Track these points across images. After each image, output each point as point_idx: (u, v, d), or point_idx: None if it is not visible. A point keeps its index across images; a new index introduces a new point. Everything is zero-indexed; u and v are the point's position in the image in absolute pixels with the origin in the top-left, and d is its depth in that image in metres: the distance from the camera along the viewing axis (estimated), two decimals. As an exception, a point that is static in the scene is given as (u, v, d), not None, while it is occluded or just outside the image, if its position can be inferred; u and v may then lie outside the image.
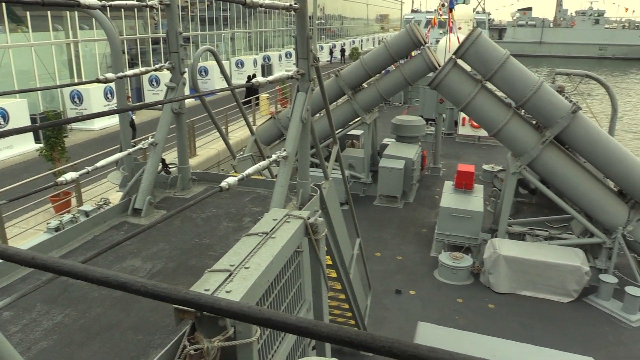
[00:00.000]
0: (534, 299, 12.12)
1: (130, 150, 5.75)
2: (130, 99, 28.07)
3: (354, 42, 76.44)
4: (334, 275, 7.74)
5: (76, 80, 27.16)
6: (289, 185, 5.31)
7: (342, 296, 8.50)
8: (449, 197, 14.36)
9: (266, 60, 47.60)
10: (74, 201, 14.83)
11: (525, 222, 14.65)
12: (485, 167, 20.41)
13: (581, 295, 12.13)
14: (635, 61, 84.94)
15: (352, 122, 18.47)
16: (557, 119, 12.25)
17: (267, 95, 30.57)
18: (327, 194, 6.05)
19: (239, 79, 41.36)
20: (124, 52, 31.57)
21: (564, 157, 12.72)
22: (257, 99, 29.26)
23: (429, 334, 7.58)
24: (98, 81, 4.75)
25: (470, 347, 7.26)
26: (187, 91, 6.29)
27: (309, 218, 3.97)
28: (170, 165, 6.29)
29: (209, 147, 21.48)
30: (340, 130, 18.35)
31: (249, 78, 43.07)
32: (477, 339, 7.76)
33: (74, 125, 24.74)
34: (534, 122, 13.15)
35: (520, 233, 14.12)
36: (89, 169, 4.96)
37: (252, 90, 29.23)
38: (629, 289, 11.64)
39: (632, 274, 12.45)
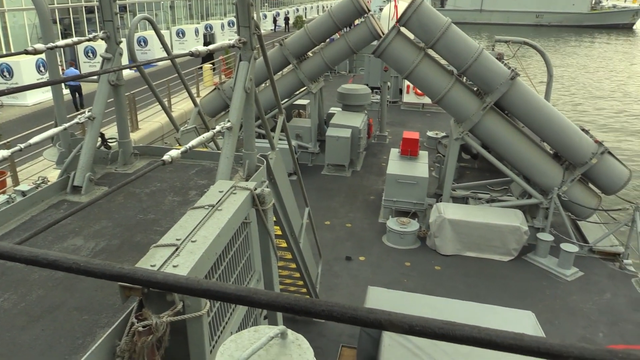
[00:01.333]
0: (477, 259, 12.66)
1: (66, 125, 5.49)
2: (74, 64, 26.69)
3: (297, 10, 75.31)
4: (284, 245, 7.77)
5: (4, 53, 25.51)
6: (235, 157, 5.24)
7: (293, 265, 8.58)
8: (395, 164, 14.62)
9: (208, 29, 46.21)
10: (9, 181, 14.12)
11: (468, 186, 15.16)
12: (429, 133, 20.85)
13: (521, 254, 12.77)
14: (569, 28, 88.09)
15: (297, 92, 18.35)
16: (497, 85, 12.62)
17: (210, 65, 29.79)
18: (274, 164, 6.02)
19: (181, 50, 40.04)
20: (55, 22, 29.83)
21: (504, 122, 13.16)
22: (201, 68, 28.49)
23: (378, 298, 7.80)
24: (26, 52, 4.46)
25: (417, 308, 7.54)
26: (125, 63, 6.02)
27: (255, 189, 3.94)
28: (109, 140, 6.06)
29: (151, 120, 20.83)
30: (286, 100, 18.20)
31: (206, 42, 41.79)
32: (423, 299, 8.06)
33: (5, 101, 23.36)
34: (475, 88, 13.49)
35: (463, 197, 14.63)
36: (22, 146, 4.70)
37: (209, 56, 28.56)
38: (564, 246, 12.35)
39: (566, 231, 13.19)
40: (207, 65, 29.41)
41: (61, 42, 4.96)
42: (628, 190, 16.12)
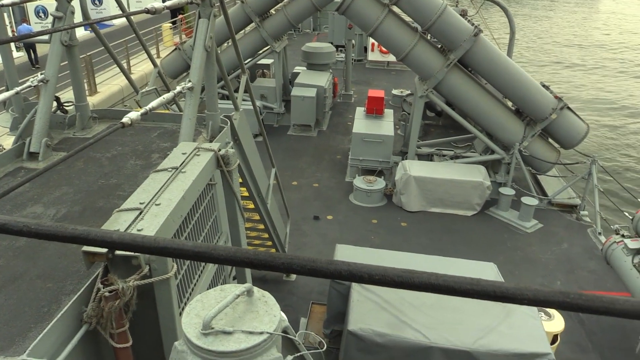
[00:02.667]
0: (442, 214, 12.96)
1: (18, 89, 5.24)
2: (27, 21, 25.29)
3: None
4: (252, 206, 7.77)
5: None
6: (199, 119, 5.14)
7: (262, 226, 8.61)
8: (360, 123, 14.63)
9: (166, -14, 44.32)
10: (-39, 149, 13.53)
11: (433, 143, 15.36)
12: (394, 91, 20.87)
13: (484, 208, 13.13)
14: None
15: (261, 51, 17.97)
16: (461, 42, 12.63)
17: (170, 25, 28.77)
18: (238, 125, 5.94)
19: (139, 9, 38.42)
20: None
21: (467, 79, 13.26)
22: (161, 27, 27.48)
23: (346, 255, 7.94)
24: (-31, 11, 4.21)
25: (383, 263, 7.69)
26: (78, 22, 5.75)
27: (219, 150, 3.89)
28: (65, 104, 5.84)
29: (110, 83, 20.14)
30: (249, 59, 17.82)
31: None
32: (390, 255, 8.24)
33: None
34: (439, 46, 13.48)
35: (428, 154, 14.84)
36: (-30, 111, 4.49)
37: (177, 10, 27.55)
38: (525, 199, 12.75)
39: (527, 185, 13.59)
40: (166, 25, 28.39)
41: (7, 0, 4.69)
42: (585, 144, 16.62)
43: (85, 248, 2.62)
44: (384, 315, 6.78)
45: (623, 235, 9.23)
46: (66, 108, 5.85)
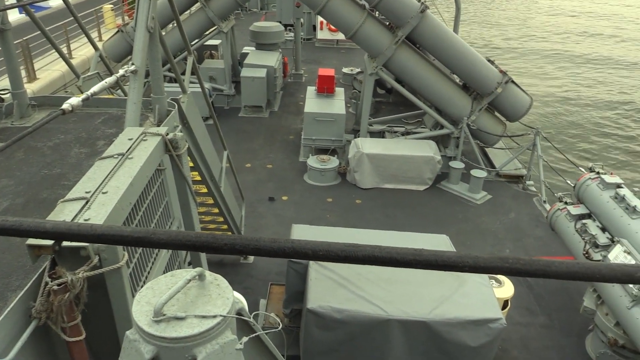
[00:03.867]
0: (395, 190, 13.19)
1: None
2: None
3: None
4: (205, 190, 7.67)
5: None
6: (145, 103, 5.00)
7: (216, 210, 8.52)
8: (312, 103, 14.61)
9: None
10: None
11: (384, 120, 15.53)
12: (344, 70, 20.89)
13: (435, 182, 13.45)
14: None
15: (207, 32, 17.55)
16: (408, 18, 12.73)
17: (111, 6, 27.63)
18: (186, 108, 5.81)
19: (75, -11, 36.65)
20: None
21: (416, 56, 13.42)
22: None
23: (302, 234, 7.98)
24: None
25: (339, 241, 7.79)
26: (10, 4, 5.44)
27: (167, 134, 3.80)
28: (1, 92, 5.55)
29: (50, 69, 19.24)
30: (195, 40, 17.39)
31: None
32: (345, 232, 8.35)
33: None
34: (387, 23, 13.55)
35: (380, 131, 15.00)
36: None
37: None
38: (474, 172, 13.13)
39: (476, 158, 13.99)
40: (107, 6, 27.25)
41: None
42: (530, 117, 17.21)
43: (30, 241, 2.52)
44: (342, 291, 6.89)
45: (566, 203, 9.66)
46: (2, 96, 5.57)
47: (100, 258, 2.75)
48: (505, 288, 8.07)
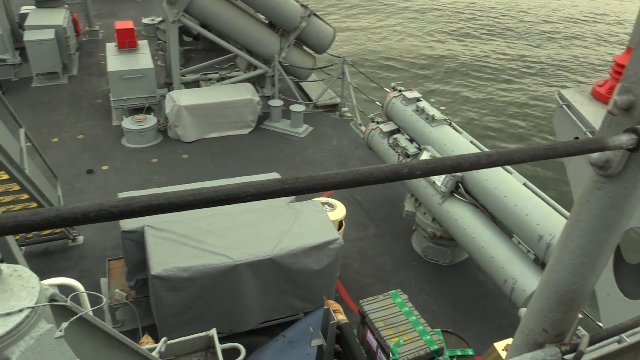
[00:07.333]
0: (220, 138, 13.06)
1: None
2: None
3: None
4: (6, 177, 6.82)
5: None
6: None
7: (25, 196, 7.65)
8: (114, 60, 13.48)
9: None
10: None
11: (197, 69, 15.03)
12: (145, 20, 19.54)
13: (258, 123, 13.60)
14: None
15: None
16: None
17: None
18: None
19: None
20: None
21: (216, -3, 13.00)
22: None
23: (130, 202, 7.55)
24: None
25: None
26: None
27: None
28: None
29: None
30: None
31: None
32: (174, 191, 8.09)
33: None
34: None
35: (194, 80, 14.53)
36: None
37: None
38: (293, 107, 13.53)
39: (293, 94, 14.37)
40: None
41: None
42: (336, 47, 18.00)
43: None
44: (184, 249, 6.77)
45: (378, 122, 10.51)
46: None
47: None
48: (338, 210, 8.66)
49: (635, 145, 1.28)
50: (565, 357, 1.79)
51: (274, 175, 8.32)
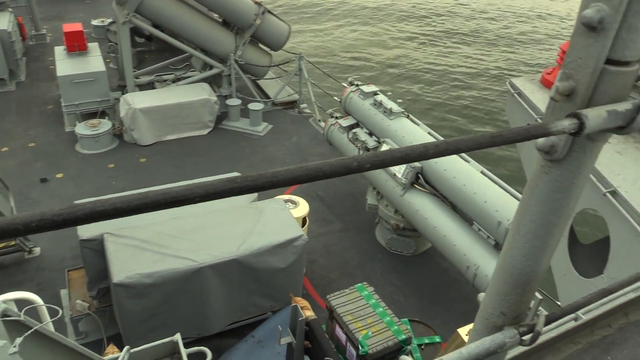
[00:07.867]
0: (179, 140, 12.84)
1: None
2: None
3: None
4: (-48, 190, 6.51)
5: None
6: None
7: (-26, 209, 7.33)
8: (64, 64, 13.05)
9: None
10: None
11: (151, 70, 14.71)
12: (94, 22, 18.98)
13: (216, 123, 13.43)
14: None
15: None
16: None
17: None
18: None
19: None
20: None
21: (167, -4, 12.75)
22: None
23: (87, 210, 7.34)
24: None
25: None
26: None
27: None
28: None
29: None
30: None
31: None
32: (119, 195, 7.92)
33: None
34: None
35: (149, 82, 14.22)
36: None
37: None
38: (251, 106, 13.43)
39: (250, 92, 14.26)
40: None
41: None
42: (292, 44, 17.97)
43: None
44: (147, 255, 6.64)
45: (337, 117, 10.55)
46: None
47: None
48: (301, 207, 8.66)
49: (577, 130, 1.32)
50: (524, 337, 1.84)
51: (236, 175, 8.24)
